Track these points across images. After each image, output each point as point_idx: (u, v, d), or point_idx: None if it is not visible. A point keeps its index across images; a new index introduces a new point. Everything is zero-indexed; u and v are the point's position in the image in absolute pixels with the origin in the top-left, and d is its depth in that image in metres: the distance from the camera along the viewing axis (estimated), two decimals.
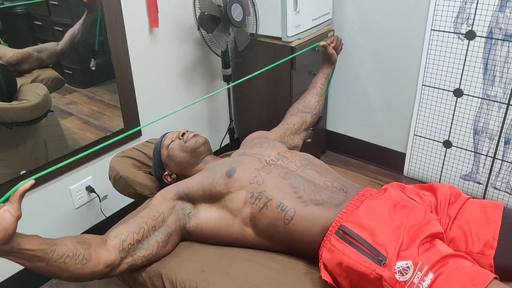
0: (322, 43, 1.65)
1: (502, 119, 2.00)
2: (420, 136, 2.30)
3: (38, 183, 1.71)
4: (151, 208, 1.23)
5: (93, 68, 1.77)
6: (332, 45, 1.66)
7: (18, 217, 0.89)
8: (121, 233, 1.14)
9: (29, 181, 0.92)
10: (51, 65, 1.64)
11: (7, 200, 0.90)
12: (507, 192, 2.10)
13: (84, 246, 1.05)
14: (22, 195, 0.91)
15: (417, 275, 0.94)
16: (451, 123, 2.16)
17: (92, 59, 1.76)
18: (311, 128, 1.73)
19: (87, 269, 1.04)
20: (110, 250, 1.10)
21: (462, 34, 1.99)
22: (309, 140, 1.74)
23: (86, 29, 1.68)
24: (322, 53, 1.69)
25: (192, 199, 1.27)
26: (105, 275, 1.10)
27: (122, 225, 1.18)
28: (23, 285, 1.77)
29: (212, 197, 1.25)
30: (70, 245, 1.03)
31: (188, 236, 1.27)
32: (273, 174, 1.24)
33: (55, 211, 1.81)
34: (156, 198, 1.28)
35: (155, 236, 1.18)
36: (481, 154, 2.12)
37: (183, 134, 1.44)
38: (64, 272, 1.01)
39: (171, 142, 1.44)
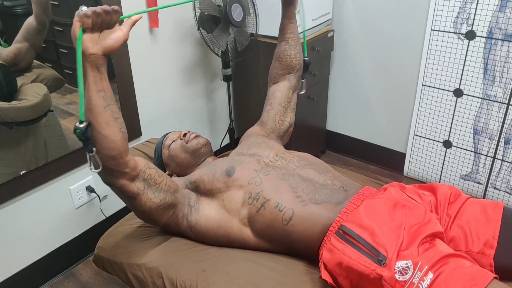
0: None
1: (502, 119, 2.00)
2: (420, 136, 2.30)
3: (38, 183, 1.71)
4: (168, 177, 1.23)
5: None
6: None
7: (126, 39, 0.98)
8: (149, 162, 1.15)
9: (140, 14, 1.00)
10: (50, 65, 1.64)
11: (121, 23, 0.98)
12: (507, 192, 2.10)
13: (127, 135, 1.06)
14: (134, 23, 0.99)
15: (417, 275, 0.94)
16: (451, 123, 2.16)
17: None
18: (302, 78, 1.54)
19: (120, 143, 1.01)
20: (137, 161, 1.10)
21: (462, 34, 1.99)
22: (303, 91, 1.55)
23: None
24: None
25: (196, 188, 1.28)
26: (120, 172, 1.05)
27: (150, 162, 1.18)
28: (23, 285, 1.77)
29: (211, 193, 1.25)
30: (122, 119, 1.04)
31: (189, 231, 1.26)
32: (271, 175, 1.24)
33: (55, 211, 1.81)
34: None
35: (165, 193, 1.17)
36: (481, 154, 2.12)
37: (184, 135, 1.44)
38: (107, 127, 0.99)
39: (173, 142, 1.44)
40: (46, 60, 1.63)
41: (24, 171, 1.63)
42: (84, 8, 0.89)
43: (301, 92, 1.56)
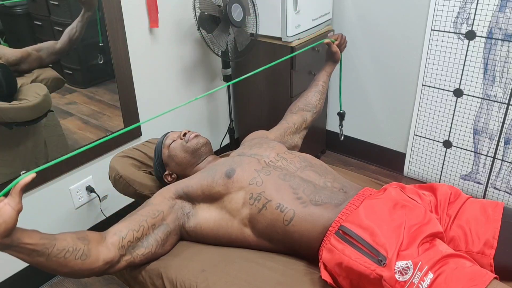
0: (326, 40, 1.63)
1: (502, 119, 2.00)
2: (420, 136, 2.30)
3: (38, 183, 1.71)
4: (150, 207, 1.23)
5: (101, 62, 1.79)
6: (336, 42, 1.64)
7: (19, 211, 0.89)
8: (120, 231, 1.14)
9: (30, 175, 0.90)
10: (50, 65, 1.64)
11: (7, 194, 0.90)
12: (507, 192, 2.10)
13: (84, 242, 1.05)
14: (22, 189, 0.90)
15: (417, 275, 0.94)
16: (451, 123, 2.16)
17: (99, 55, 1.78)
18: (340, 126, 1.77)
19: (86, 265, 1.03)
20: (110, 247, 1.10)
21: (462, 34, 1.99)
22: (342, 138, 1.79)
23: (84, 26, 1.67)
24: (326, 51, 1.67)
25: (191, 198, 1.27)
26: (104, 272, 1.10)
27: (122, 223, 1.18)
28: (23, 285, 1.77)
29: (211, 197, 1.25)
30: (70, 241, 1.03)
31: (187, 236, 1.27)
32: (272, 175, 1.23)
33: (55, 211, 1.81)
34: (155, 197, 1.28)
35: (154, 234, 1.18)
36: (481, 154, 2.12)
37: (184, 134, 1.44)
38: (64, 268, 1.00)
39: (173, 141, 1.44)
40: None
41: (24, 171, 1.63)
42: None
43: (341, 139, 1.81)
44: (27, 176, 0.90)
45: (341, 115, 1.79)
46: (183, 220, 1.25)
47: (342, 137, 1.81)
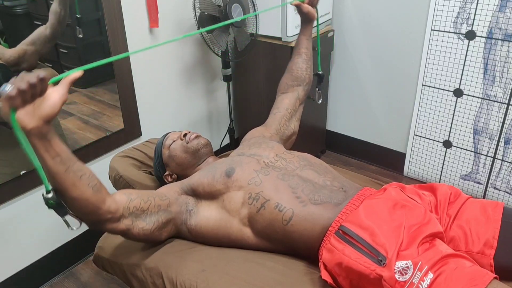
0: (294, 2, 1.46)
1: (502, 119, 2.00)
2: (420, 136, 2.30)
3: (38, 183, 1.71)
4: (158, 191, 1.24)
5: (81, 36, 1.70)
6: (306, 1, 1.49)
7: (64, 101, 0.91)
8: (130, 193, 1.14)
9: (79, 71, 0.93)
10: (50, 65, 1.64)
11: (56, 84, 0.91)
12: (507, 192, 2.10)
13: (98, 181, 1.04)
14: (71, 82, 0.92)
15: (416, 275, 0.94)
16: (451, 123, 2.16)
17: (77, 27, 1.68)
18: (318, 89, 1.64)
19: (94, 198, 1.01)
20: (117, 201, 1.09)
21: (462, 34, 1.99)
22: (320, 101, 1.66)
23: (67, 2, 1.62)
24: (298, 12, 1.52)
25: (195, 193, 1.27)
26: (103, 221, 1.06)
27: (132, 190, 1.18)
28: (23, 285, 1.77)
29: (212, 195, 1.25)
30: (88, 170, 1.02)
31: (188, 234, 1.27)
32: (271, 175, 1.24)
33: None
34: (162, 188, 1.29)
35: (157, 215, 1.17)
36: (481, 154, 2.12)
37: (185, 135, 1.44)
38: (74, 189, 0.97)
39: (173, 142, 1.44)
40: (46, 60, 1.63)
41: (24, 171, 1.63)
42: (7, 88, 0.83)
43: (319, 102, 1.66)
44: (77, 72, 0.92)
45: (320, 76, 1.65)
46: (186, 216, 1.25)
47: (320, 101, 1.68)
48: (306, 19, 1.53)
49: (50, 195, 0.96)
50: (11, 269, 1.72)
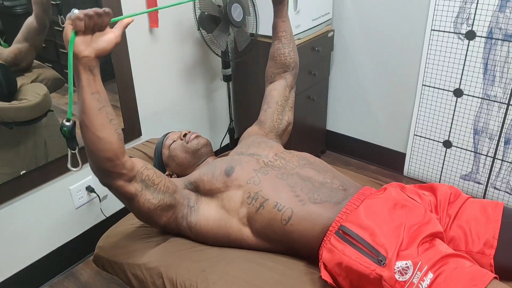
0: None
1: (502, 119, 2.00)
2: (420, 136, 2.30)
3: (38, 182, 1.71)
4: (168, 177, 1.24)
5: (64, 25, 1.65)
6: None
7: (118, 42, 0.97)
8: (147, 163, 1.15)
9: (131, 17, 1.00)
10: (50, 65, 1.64)
11: (113, 26, 0.98)
12: (507, 192, 2.10)
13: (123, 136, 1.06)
14: (126, 26, 1.00)
15: (416, 275, 0.94)
16: (451, 123, 2.16)
17: (59, 15, 1.61)
18: None
19: (116, 145, 1.02)
20: (134, 162, 1.10)
21: (462, 34, 1.99)
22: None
23: None
24: None
25: (196, 188, 1.28)
26: (116, 173, 1.05)
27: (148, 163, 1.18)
28: (23, 285, 1.77)
29: (211, 193, 1.25)
30: (117, 119, 1.04)
31: (189, 231, 1.26)
32: (270, 175, 1.24)
33: (55, 211, 1.81)
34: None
35: (164, 194, 1.17)
36: (481, 154, 2.12)
37: (185, 135, 1.44)
38: (102, 129, 0.99)
39: (173, 142, 1.44)
40: (46, 60, 1.63)
41: (24, 171, 1.63)
42: (76, 11, 0.89)
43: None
44: (130, 18, 1.00)
45: None
46: (187, 211, 1.25)
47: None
48: (277, 0, 1.43)
49: (68, 123, 0.99)
50: (11, 269, 1.72)
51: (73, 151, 1.02)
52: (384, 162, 2.53)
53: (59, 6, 1.61)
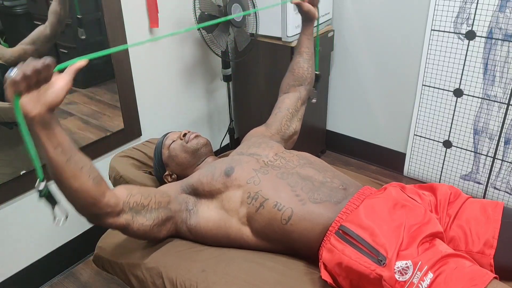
0: (294, 1, 1.45)
1: (502, 119, 2.00)
2: (420, 136, 2.30)
3: None
4: (159, 189, 1.24)
5: (83, 37, 1.70)
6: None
7: (69, 89, 0.90)
8: (131, 189, 1.14)
9: (85, 60, 0.91)
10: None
11: (62, 71, 0.90)
12: (507, 192, 2.10)
13: (99, 174, 1.03)
14: (77, 70, 0.91)
15: (416, 275, 0.94)
16: (451, 123, 2.16)
17: (79, 28, 1.68)
18: (314, 89, 1.62)
19: (94, 191, 1.00)
20: (117, 195, 1.08)
21: (462, 34, 1.99)
22: (314, 100, 1.64)
23: (66, 2, 1.62)
24: (298, 11, 1.52)
25: (195, 191, 1.27)
26: (102, 215, 1.05)
27: (133, 185, 1.17)
28: (23, 285, 1.77)
29: (211, 194, 1.25)
30: (89, 162, 1.01)
31: (188, 234, 1.27)
32: (270, 174, 1.23)
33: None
34: (162, 186, 1.30)
35: (157, 211, 1.17)
36: (481, 154, 2.12)
37: (184, 135, 1.44)
38: (75, 181, 0.96)
39: (173, 142, 1.44)
40: None
41: (24, 171, 1.63)
42: (12, 73, 0.81)
43: (313, 101, 1.65)
44: (82, 60, 0.91)
45: (317, 77, 1.64)
46: (186, 215, 1.25)
47: (315, 100, 1.67)
48: (307, 18, 1.52)
49: (42, 185, 0.95)
50: (11, 269, 1.72)
51: (55, 206, 0.98)
52: (384, 162, 2.53)
53: (80, 20, 1.68)
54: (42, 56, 0.81)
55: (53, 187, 0.98)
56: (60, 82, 0.88)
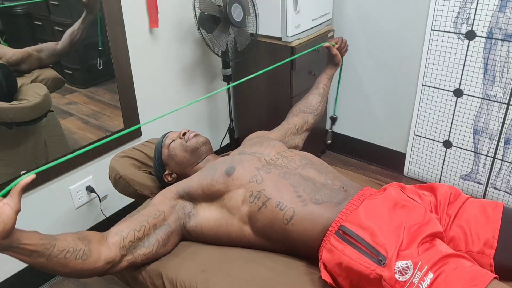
0: (326, 44, 1.63)
1: (502, 119, 2.00)
2: (420, 136, 2.30)
3: (38, 183, 1.71)
4: (152, 207, 1.24)
5: (101, 67, 1.79)
6: (336, 46, 1.65)
7: (18, 211, 0.89)
8: (122, 230, 1.14)
9: (30, 176, 0.91)
10: (50, 66, 1.64)
11: (6, 194, 0.89)
12: (507, 192, 2.10)
13: (84, 242, 1.05)
14: (22, 189, 0.90)
15: (416, 275, 0.94)
16: (451, 123, 2.16)
17: (98, 59, 1.78)
18: (330, 130, 1.78)
19: (87, 265, 1.03)
20: (111, 247, 1.10)
21: (462, 34, 1.99)
22: (329, 141, 1.77)
23: (85, 28, 1.68)
24: (326, 54, 1.68)
25: (192, 197, 1.27)
26: (105, 271, 1.10)
27: (123, 223, 1.18)
28: (23, 285, 1.77)
29: (212, 196, 1.25)
30: (71, 241, 1.03)
31: (188, 236, 1.27)
32: (273, 173, 1.23)
33: (55, 211, 1.81)
34: (156, 197, 1.29)
35: (155, 234, 1.18)
36: (481, 154, 2.12)
37: (184, 134, 1.44)
38: (65, 268, 1.01)
39: (172, 141, 1.44)
40: None
41: (24, 171, 1.63)
42: None
43: (328, 142, 1.82)
44: (27, 177, 0.90)
45: (333, 119, 1.83)
46: (185, 220, 1.25)
47: (330, 141, 1.85)
48: (333, 62, 1.67)
49: None
50: (11, 269, 1.72)
51: None
52: (384, 162, 2.53)
53: (101, 52, 1.76)
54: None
55: None
56: (6, 208, 0.87)
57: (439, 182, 2.30)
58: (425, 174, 2.35)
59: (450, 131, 2.18)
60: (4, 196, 0.91)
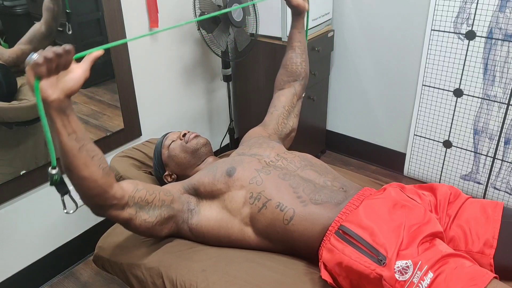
0: None
1: (502, 119, 2.00)
2: (420, 136, 2.30)
3: (38, 183, 1.71)
4: (163, 187, 1.24)
5: (70, 32, 1.67)
6: None
7: (86, 77, 0.93)
8: (137, 184, 1.14)
9: (101, 50, 0.94)
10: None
11: (79, 61, 0.93)
12: (507, 192, 2.10)
13: (108, 166, 1.04)
14: (94, 59, 0.94)
15: (416, 274, 0.94)
16: (451, 123, 2.16)
17: (67, 23, 1.66)
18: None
19: (103, 180, 1.00)
20: (124, 189, 1.09)
21: (462, 34, 1.99)
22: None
23: None
24: (287, 5, 1.47)
25: (197, 192, 1.27)
26: (107, 205, 1.06)
27: (139, 181, 1.17)
28: (23, 285, 1.77)
29: (212, 195, 1.25)
30: (100, 152, 1.02)
31: (189, 234, 1.27)
32: (273, 175, 1.24)
33: (55, 211, 1.81)
34: (166, 186, 1.29)
35: (160, 210, 1.17)
36: (481, 154, 2.12)
37: (184, 135, 1.44)
38: (85, 168, 0.97)
39: (172, 142, 1.44)
40: None
41: (24, 171, 1.63)
42: (34, 56, 0.83)
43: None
44: (99, 50, 0.94)
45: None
46: (188, 215, 1.25)
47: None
48: (296, 11, 1.48)
49: (55, 171, 0.96)
50: (11, 269, 1.72)
51: (66, 195, 1.00)
52: (384, 162, 2.53)
53: (68, 14, 1.66)
54: None
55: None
56: (78, 70, 0.92)
57: (439, 182, 2.30)
58: (425, 174, 2.35)
59: (450, 131, 2.19)
60: (77, 62, 0.93)
